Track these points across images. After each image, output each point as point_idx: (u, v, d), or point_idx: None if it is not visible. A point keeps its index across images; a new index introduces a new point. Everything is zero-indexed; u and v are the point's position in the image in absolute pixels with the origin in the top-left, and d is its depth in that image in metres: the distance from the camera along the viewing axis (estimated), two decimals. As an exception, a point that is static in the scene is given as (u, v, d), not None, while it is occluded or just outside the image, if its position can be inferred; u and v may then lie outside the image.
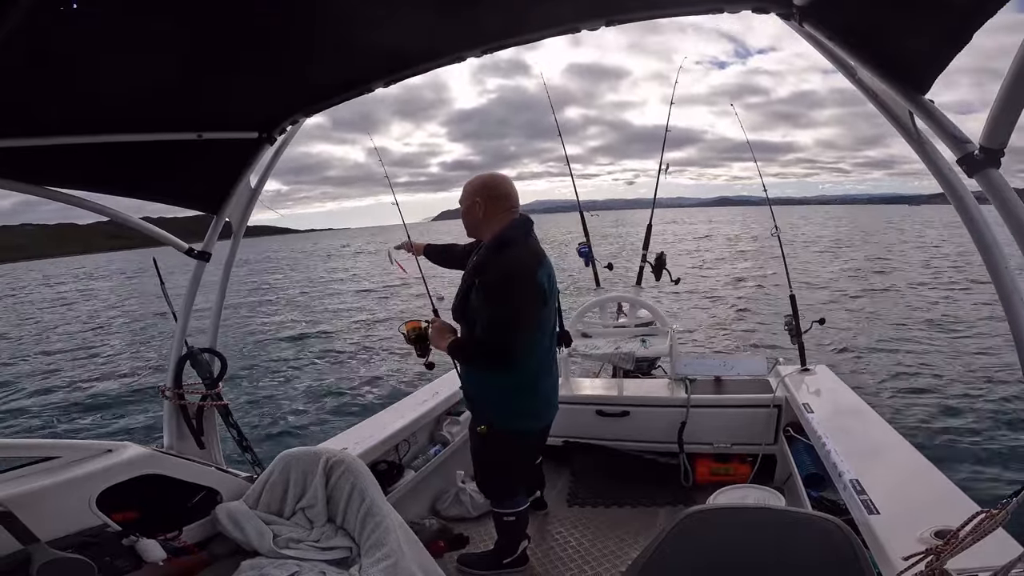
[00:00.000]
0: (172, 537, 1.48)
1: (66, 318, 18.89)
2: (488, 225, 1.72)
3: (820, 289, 12.91)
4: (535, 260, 1.69)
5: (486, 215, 1.71)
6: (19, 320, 19.35)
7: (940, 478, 1.49)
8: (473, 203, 1.72)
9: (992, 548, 0.87)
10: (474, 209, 1.72)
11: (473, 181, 1.76)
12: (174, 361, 1.73)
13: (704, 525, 0.85)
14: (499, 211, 1.71)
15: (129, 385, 8.90)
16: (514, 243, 1.67)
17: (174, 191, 1.64)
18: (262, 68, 1.25)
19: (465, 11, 1.13)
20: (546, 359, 1.79)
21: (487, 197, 1.71)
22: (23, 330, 16.58)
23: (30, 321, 18.74)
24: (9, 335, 15.64)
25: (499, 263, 1.64)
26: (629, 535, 2.13)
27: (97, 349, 12.37)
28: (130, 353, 11.71)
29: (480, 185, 1.73)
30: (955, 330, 8.47)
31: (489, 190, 1.72)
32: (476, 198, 1.71)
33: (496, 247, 1.67)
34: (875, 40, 0.91)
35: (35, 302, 25.94)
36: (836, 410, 2.16)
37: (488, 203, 1.71)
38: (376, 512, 1.51)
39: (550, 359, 1.81)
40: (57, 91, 1.08)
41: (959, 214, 0.88)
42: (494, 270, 1.63)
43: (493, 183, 1.74)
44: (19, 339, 14.81)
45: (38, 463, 1.35)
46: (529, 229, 1.73)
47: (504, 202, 1.72)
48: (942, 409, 5.31)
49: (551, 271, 1.74)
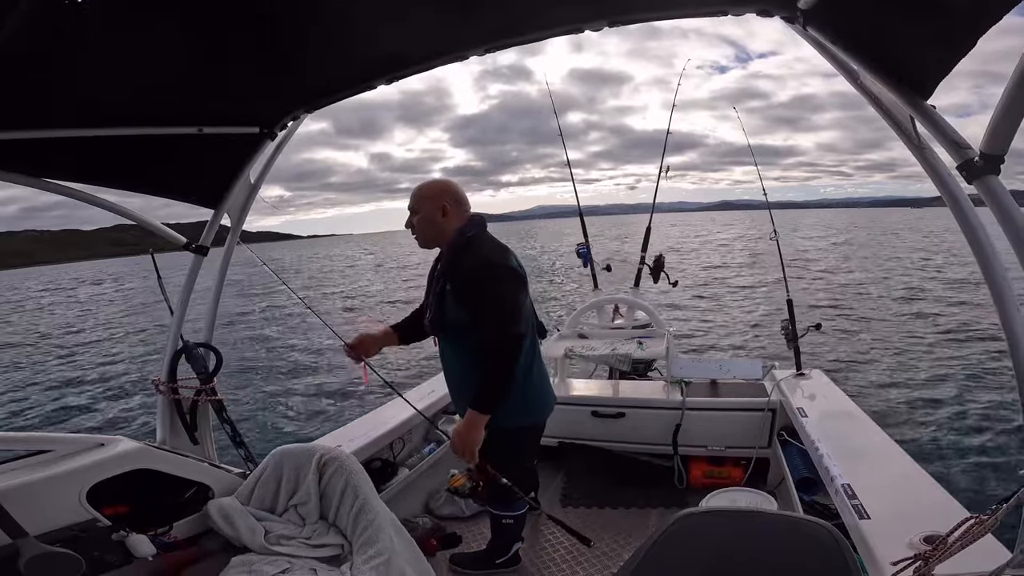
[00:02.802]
0: (162, 532, 1.47)
1: (65, 318, 18.79)
2: (450, 226, 1.67)
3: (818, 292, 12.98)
4: (504, 247, 1.68)
5: (451, 220, 1.66)
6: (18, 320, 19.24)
7: (931, 484, 1.50)
8: (438, 208, 1.65)
9: (981, 554, 0.87)
10: (436, 215, 1.66)
11: (431, 186, 1.69)
12: (169, 355, 1.72)
13: (696, 527, 0.86)
14: (462, 215, 1.68)
15: (122, 379, 8.86)
16: (478, 236, 1.66)
17: (174, 185, 1.63)
18: (263, 63, 1.24)
19: (468, 9, 1.12)
20: (535, 349, 1.77)
21: (454, 201, 1.67)
22: (21, 329, 16.49)
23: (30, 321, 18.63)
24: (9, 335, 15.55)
25: (473, 255, 1.60)
26: (622, 536, 2.14)
27: (91, 344, 12.30)
28: (124, 348, 11.65)
29: (443, 189, 1.69)
30: (949, 336, 8.52)
31: (453, 194, 1.68)
32: (443, 202, 1.65)
33: (463, 244, 1.63)
34: (879, 45, 0.91)
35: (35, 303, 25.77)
36: (830, 415, 2.17)
37: (454, 207, 1.67)
38: (369, 510, 1.50)
39: (536, 350, 1.79)
40: (58, 83, 1.07)
41: (957, 220, 0.89)
42: (470, 262, 1.59)
43: (454, 187, 1.71)
44: (14, 334, 14.72)
45: (29, 456, 1.34)
46: (485, 224, 1.71)
47: (465, 205, 1.70)
48: (935, 415, 5.35)
49: (519, 260, 1.71)
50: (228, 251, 1.80)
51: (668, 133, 3.78)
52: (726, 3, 1.05)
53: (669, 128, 3.78)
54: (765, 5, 1.01)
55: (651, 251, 3.72)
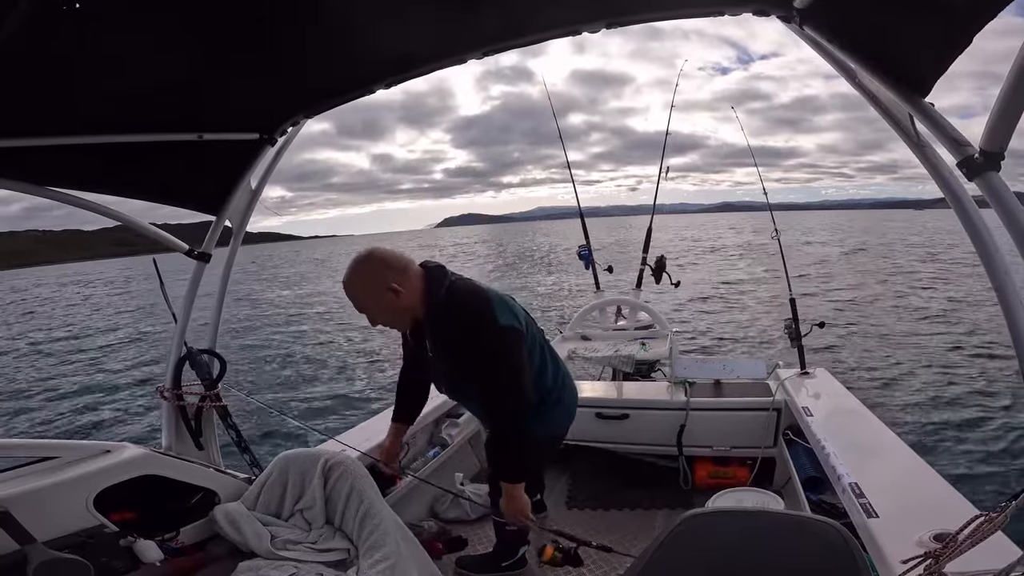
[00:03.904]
0: (169, 538, 1.47)
1: (66, 320, 18.88)
2: (414, 298, 1.47)
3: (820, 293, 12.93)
4: (483, 292, 1.52)
5: (409, 292, 1.46)
6: (19, 322, 19.34)
7: (939, 481, 1.49)
8: (388, 291, 1.43)
9: (991, 552, 0.87)
10: (391, 301, 1.44)
11: (361, 273, 1.45)
12: (173, 362, 1.73)
13: (703, 528, 0.85)
14: (413, 277, 1.47)
15: (128, 386, 8.89)
16: (451, 288, 1.49)
17: (174, 192, 1.64)
18: (263, 69, 1.25)
19: (466, 12, 1.13)
20: (555, 363, 1.71)
21: (399, 274, 1.45)
22: (23, 331, 16.57)
23: (29, 322, 18.72)
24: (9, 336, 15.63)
25: (459, 315, 1.46)
26: (627, 538, 2.13)
27: (96, 350, 12.35)
28: (130, 354, 11.69)
29: (380, 269, 1.44)
30: (955, 334, 8.48)
31: (391, 267, 1.45)
32: (391, 284, 1.43)
33: (444, 303, 1.47)
34: (875, 43, 0.91)
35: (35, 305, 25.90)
36: (835, 413, 2.16)
37: (403, 280, 1.45)
38: (374, 514, 1.50)
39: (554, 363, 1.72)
40: (58, 91, 1.08)
41: (959, 219, 0.88)
42: (460, 324, 1.46)
43: (386, 257, 1.47)
44: (18, 339, 14.80)
45: (36, 463, 1.35)
46: (445, 270, 1.54)
47: (409, 266, 1.48)
48: (941, 412, 5.32)
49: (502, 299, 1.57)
50: (231, 257, 1.81)
51: (667, 134, 3.79)
52: (722, 3, 1.06)
53: (668, 128, 3.80)
54: (761, 5, 1.01)
55: (652, 253, 3.72)
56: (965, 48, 0.76)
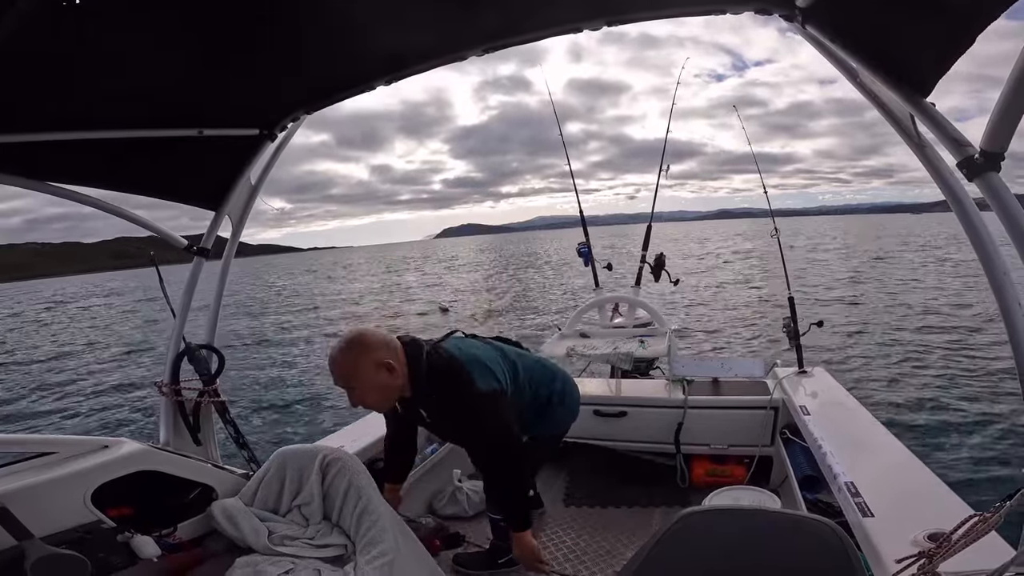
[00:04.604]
0: (167, 534, 1.47)
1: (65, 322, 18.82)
2: (403, 375, 1.48)
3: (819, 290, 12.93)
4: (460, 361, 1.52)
5: (399, 370, 1.46)
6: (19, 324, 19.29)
7: (935, 481, 1.49)
8: (382, 368, 1.42)
9: (985, 552, 0.87)
10: (383, 378, 1.43)
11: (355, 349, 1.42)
12: (172, 357, 1.73)
13: (699, 526, 0.85)
14: (400, 354, 1.48)
15: (125, 382, 8.88)
16: (435, 365, 1.50)
17: (174, 188, 1.64)
18: (263, 65, 1.24)
19: (466, 9, 1.13)
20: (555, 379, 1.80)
21: (392, 352, 1.45)
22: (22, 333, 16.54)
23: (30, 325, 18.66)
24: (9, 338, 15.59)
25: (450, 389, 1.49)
26: (625, 535, 2.14)
27: (94, 347, 12.33)
28: (127, 351, 11.68)
29: (376, 347, 1.43)
30: (953, 335, 8.50)
31: (386, 344, 1.46)
32: (386, 360, 1.42)
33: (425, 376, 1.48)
34: (877, 42, 0.91)
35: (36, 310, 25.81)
36: (832, 412, 2.17)
37: (391, 354, 1.45)
38: (372, 510, 1.50)
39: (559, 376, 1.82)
40: (58, 86, 1.07)
41: (959, 219, 0.88)
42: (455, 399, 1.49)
43: (378, 335, 1.47)
44: (17, 339, 14.76)
45: (33, 458, 1.34)
46: (420, 344, 1.54)
47: (395, 343, 1.49)
48: (938, 412, 5.34)
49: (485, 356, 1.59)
50: (229, 252, 1.81)
51: (668, 131, 3.79)
52: (725, 1, 1.05)
53: (669, 124, 3.80)
54: (764, 3, 1.01)
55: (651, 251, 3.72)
56: (967, 48, 0.76)
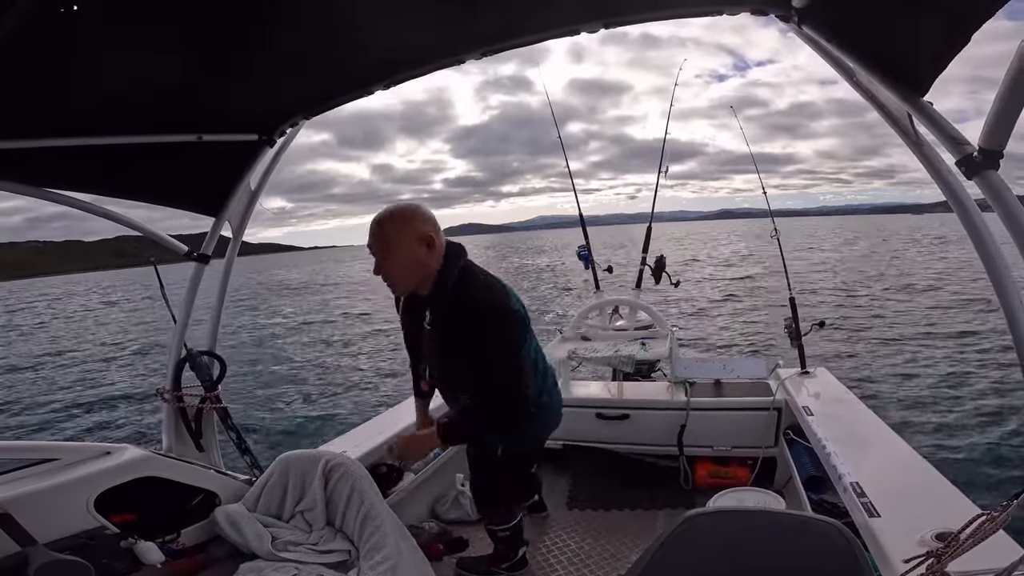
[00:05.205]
0: (170, 539, 1.47)
1: (65, 325, 18.88)
2: (437, 262, 1.41)
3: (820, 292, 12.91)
4: (500, 284, 1.48)
5: (436, 253, 1.40)
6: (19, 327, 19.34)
7: (940, 480, 1.48)
8: (421, 241, 1.37)
9: (993, 551, 0.86)
10: (420, 252, 1.37)
11: (404, 215, 1.38)
12: (173, 363, 1.73)
13: (704, 528, 0.85)
14: (442, 242, 1.42)
15: (127, 388, 8.89)
16: (466, 269, 1.44)
17: (174, 194, 1.64)
18: (262, 71, 1.25)
19: (464, 13, 1.13)
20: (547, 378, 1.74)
21: (435, 228, 1.40)
22: (23, 336, 16.57)
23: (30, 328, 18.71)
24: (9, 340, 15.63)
25: (471, 298, 1.40)
26: (629, 538, 2.13)
27: (96, 354, 12.35)
28: (129, 357, 11.69)
29: (423, 219, 1.39)
30: (956, 333, 8.47)
31: (431, 219, 1.40)
32: (427, 232, 1.37)
33: (456, 279, 1.42)
34: (874, 42, 0.91)
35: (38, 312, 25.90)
36: (836, 412, 2.16)
37: (437, 235, 1.39)
38: (375, 515, 1.50)
39: (549, 375, 1.77)
40: (56, 93, 1.08)
41: (959, 218, 0.88)
42: (470, 308, 1.39)
43: (427, 213, 1.42)
44: (19, 343, 14.79)
45: (36, 465, 1.35)
46: (465, 252, 1.48)
47: (440, 229, 1.43)
48: (942, 411, 5.31)
49: (516, 296, 1.54)
50: (230, 258, 1.81)
51: (667, 132, 3.79)
52: (721, 3, 1.06)
53: (668, 125, 3.80)
54: (760, 4, 1.01)
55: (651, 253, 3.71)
56: (963, 47, 0.76)
